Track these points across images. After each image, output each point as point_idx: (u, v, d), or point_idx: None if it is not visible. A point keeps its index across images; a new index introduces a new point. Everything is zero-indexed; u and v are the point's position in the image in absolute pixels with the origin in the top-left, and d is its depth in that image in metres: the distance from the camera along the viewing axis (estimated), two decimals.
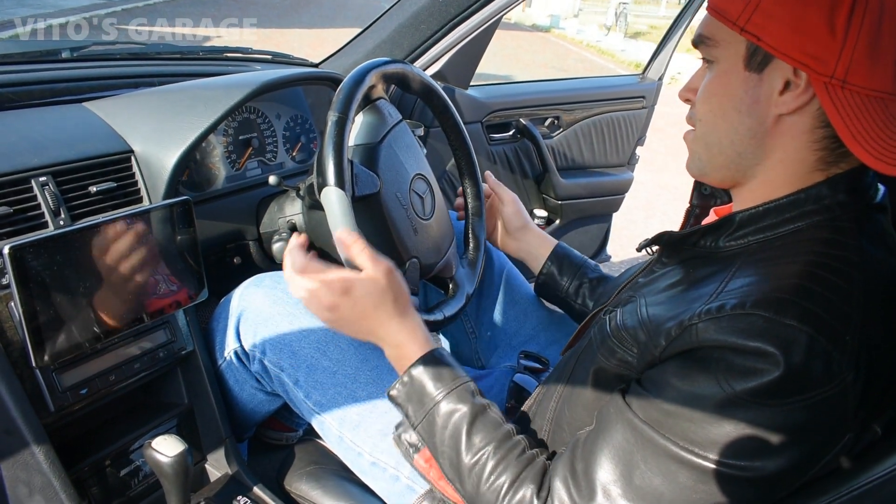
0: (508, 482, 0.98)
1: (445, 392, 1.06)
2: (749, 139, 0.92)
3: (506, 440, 1.03)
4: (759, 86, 0.89)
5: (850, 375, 0.79)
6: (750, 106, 0.91)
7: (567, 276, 1.52)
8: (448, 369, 1.09)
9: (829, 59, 0.82)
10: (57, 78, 1.55)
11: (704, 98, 0.96)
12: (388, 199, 1.32)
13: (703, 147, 0.99)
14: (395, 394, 1.11)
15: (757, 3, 0.85)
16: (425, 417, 1.07)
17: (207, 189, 1.58)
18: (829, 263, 0.84)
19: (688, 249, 1.01)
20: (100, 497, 1.27)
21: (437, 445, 1.06)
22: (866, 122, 0.82)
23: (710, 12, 0.93)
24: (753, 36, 0.86)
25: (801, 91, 0.86)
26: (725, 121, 0.94)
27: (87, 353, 1.19)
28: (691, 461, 0.83)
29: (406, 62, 1.43)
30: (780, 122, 0.90)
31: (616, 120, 2.90)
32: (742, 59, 0.90)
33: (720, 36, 0.91)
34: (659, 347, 0.89)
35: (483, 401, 1.08)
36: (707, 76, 0.96)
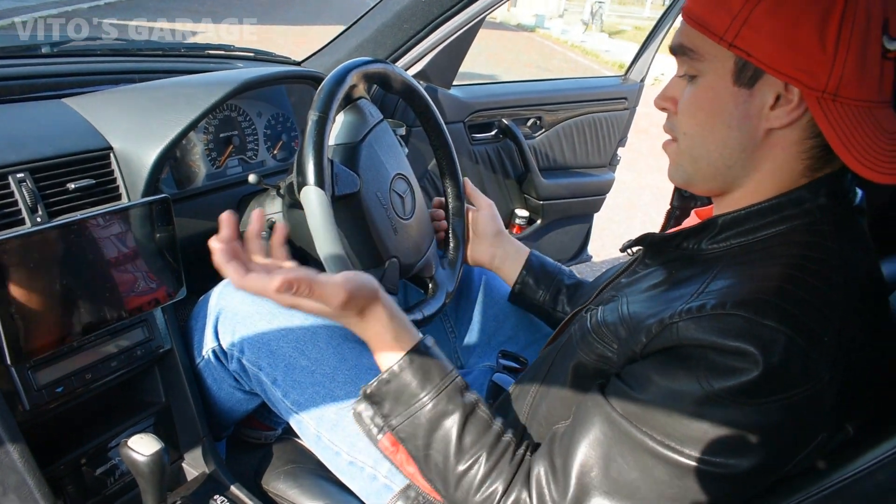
0: (502, 489, 0.97)
1: (435, 392, 1.02)
2: (739, 153, 0.93)
3: (496, 444, 1.00)
4: (749, 101, 0.89)
5: (827, 376, 0.80)
6: (740, 121, 0.90)
7: (543, 286, 1.49)
8: (437, 365, 1.04)
9: (821, 74, 0.82)
10: (36, 73, 1.54)
11: (690, 112, 0.95)
12: (369, 199, 1.32)
13: (690, 160, 0.98)
14: (378, 390, 1.04)
15: (745, 18, 0.84)
16: (409, 419, 1.02)
17: (188, 187, 1.57)
18: (808, 266, 0.86)
19: (671, 251, 1.02)
20: (75, 496, 1.27)
21: (422, 448, 1.02)
22: (858, 133, 0.83)
23: (689, 23, 0.91)
24: (743, 52, 0.86)
25: (794, 106, 0.86)
26: (714, 135, 0.93)
27: (64, 351, 1.19)
28: (668, 456, 0.84)
29: (388, 62, 1.44)
30: (771, 135, 0.90)
31: (598, 121, 2.91)
32: (730, 73, 0.89)
33: (705, 49, 0.90)
34: (639, 344, 0.90)
35: (472, 397, 1.04)
36: (690, 88, 0.95)
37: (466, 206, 1.57)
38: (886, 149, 0.84)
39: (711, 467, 0.82)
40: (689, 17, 0.91)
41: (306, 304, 0.97)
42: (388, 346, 1.04)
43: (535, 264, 1.52)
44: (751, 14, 0.84)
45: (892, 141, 0.85)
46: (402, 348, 1.04)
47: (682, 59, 0.94)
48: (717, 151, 0.94)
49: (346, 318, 1.03)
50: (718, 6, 0.87)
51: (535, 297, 1.50)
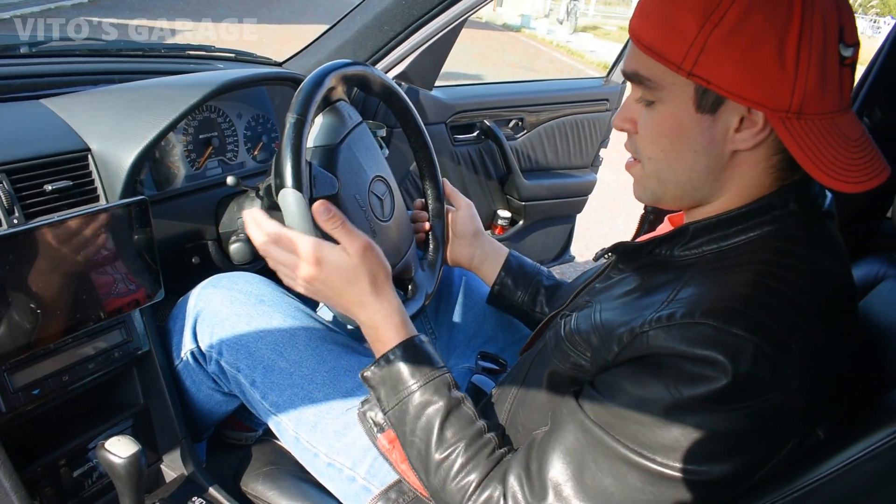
0: (476, 481, 1.00)
1: (422, 382, 1.07)
2: (706, 175, 0.93)
3: (477, 438, 1.04)
4: (713, 126, 0.88)
5: (796, 383, 0.81)
6: (706, 146, 0.90)
7: (522, 287, 1.49)
8: (427, 359, 1.10)
9: (784, 96, 0.82)
10: (14, 74, 1.53)
11: (652, 139, 0.94)
12: (347, 201, 1.32)
13: (656, 183, 0.98)
14: (370, 375, 1.11)
15: (702, 45, 0.83)
16: (398, 405, 1.07)
17: (167, 188, 1.56)
18: (777, 272, 0.86)
19: (644, 257, 1.02)
20: (53, 498, 1.26)
21: (407, 435, 1.07)
22: (823, 147, 0.83)
23: (644, 51, 0.89)
24: (703, 80, 0.84)
25: (759, 129, 0.86)
26: (680, 160, 0.93)
27: (41, 354, 1.18)
28: (640, 463, 0.85)
29: (367, 64, 1.44)
30: (737, 156, 0.90)
31: (580, 122, 2.92)
32: (691, 100, 0.88)
33: (662, 78, 0.88)
34: (612, 353, 0.91)
35: (458, 394, 1.09)
36: (649, 113, 0.93)
37: (446, 206, 1.57)
38: (851, 158, 0.84)
39: (683, 474, 0.83)
40: (641, 44, 0.89)
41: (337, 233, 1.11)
42: (392, 329, 1.11)
43: (514, 265, 1.52)
44: (707, 41, 0.82)
45: (855, 149, 0.85)
46: (401, 337, 1.11)
47: (640, 88, 0.93)
48: (684, 175, 0.94)
49: (359, 281, 1.10)
50: (671, 34, 0.85)
51: (513, 298, 1.50)
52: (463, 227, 1.55)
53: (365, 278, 1.10)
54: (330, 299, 1.14)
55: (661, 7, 0.87)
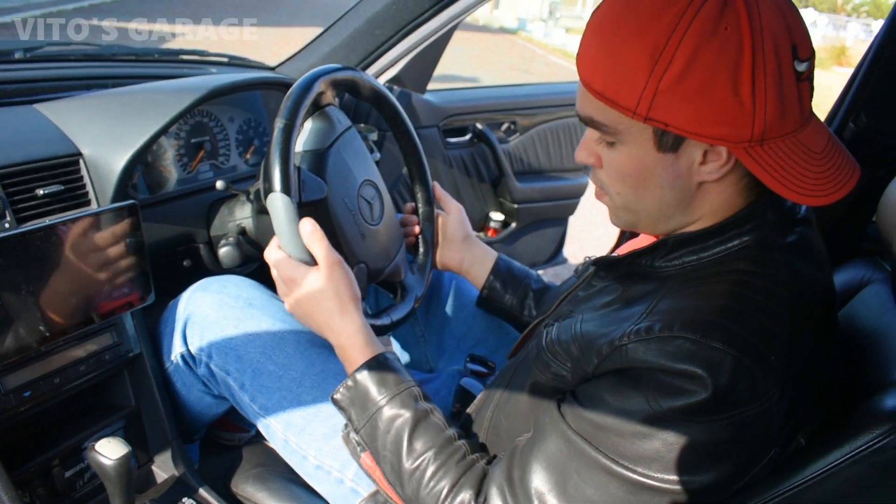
0: (448, 487, 1.01)
1: (389, 397, 1.09)
2: (675, 206, 0.93)
3: (447, 445, 1.05)
4: (676, 163, 0.88)
5: (776, 393, 0.82)
6: (672, 182, 0.90)
7: (511, 291, 1.50)
8: (393, 374, 1.11)
9: (744, 128, 0.82)
10: (8, 79, 1.54)
11: (616, 177, 0.94)
12: (336, 205, 1.33)
13: (628, 213, 0.98)
14: (339, 398, 1.13)
15: (654, 89, 0.81)
16: (368, 422, 1.09)
17: (158, 192, 1.57)
18: (755, 282, 0.87)
19: (625, 267, 1.02)
20: (46, 498, 1.28)
21: (380, 450, 1.08)
22: (790, 166, 0.84)
23: (596, 97, 0.87)
24: (660, 123, 0.83)
25: (724, 162, 0.86)
26: (648, 195, 0.92)
27: (31, 356, 1.19)
28: (621, 474, 0.86)
29: (356, 69, 1.45)
30: (704, 186, 0.90)
31: (572, 126, 2.93)
32: (651, 142, 0.87)
33: (618, 123, 0.87)
34: (591, 364, 0.92)
35: (426, 405, 1.10)
36: (610, 152, 0.92)
37: (436, 210, 1.58)
38: (819, 171, 0.85)
39: (665, 484, 0.84)
40: (593, 90, 0.87)
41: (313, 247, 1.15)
42: (357, 350, 1.14)
43: (503, 268, 1.52)
44: (659, 84, 0.81)
45: (823, 161, 0.86)
46: (365, 356, 1.13)
47: (596, 130, 0.92)
48: (654, 207, 0.94)
49: (325, 301, 1.14)
50: (622, 79, 0.84)
51: (502, 302, 1.51)
52: (453, 231, 1.55)
53: (331, 299, 1.14)
54: (304, 318, 1.18)
55: (605, 50, 0.86)
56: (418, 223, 1.58)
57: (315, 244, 1.15)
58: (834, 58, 20.29)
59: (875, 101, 1.54)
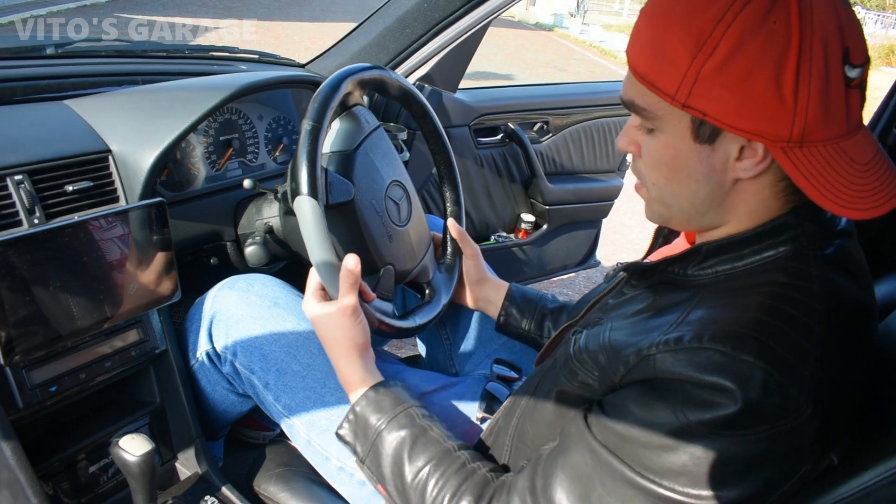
0: (448, 496, 1.02)
1: (387, 421, 1.12)
2: (710, 202, 0.90)
3: (445, 457, 1.06)
4: (712, 155, 0.86)
5: (808, 409, 0.79)
6: (706, 175, 0.87)
7: (527, 315, 1.49)
8: (389, 398, 1.15)
9: (784, 126, 0.79)
10: (40, 75, 1.55)
11: (653, 166, 0.92)
12: (363, 207, 1.33)
13: (663, 206, 0.96)
14: (343, 433, 1.16)
15: (695, 76, 0.80)
16: (371, 450, 1.12)
17: (187, 189, 1.58)
18: (789, 295, 0.84)
19: (657, 275, 1.00)
20: (69, 492, 1.29)
21: (385, 475, 1.10)
22: (829, 174, 0.80)
23: (639, 80, 0.86)
24: (698, 111, 0.82)
25: (760, 159, 0.83)
26: (681, 187, 0.90)
27: (58, 351, 1.20)
28: (647, 487, 0.84)
29: (384, 67, 1.44)
30: (740, 184, 0.88)
31: (606, 126, 2.90)
32: (689, 131, 0.85)
33: (657, 108, 0.86)
34: (618, 374, 0.90)
35: (423, 423, 1.11)
36: (650, 142, 0.91)
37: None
38: (860, 183, 0.81)
39: (691, 499, 0.82)
40: (636, 73, 0.87)
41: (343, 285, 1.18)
42: (356, 386, 1.18)
43: (517, 295, 1.52)
44: (700, 71, 0.80)
45: (866, 174, 0.82)
46: (364, 388, 1.17)
47: (637, 115, 0.91)
48: (687, 201, 0.92)
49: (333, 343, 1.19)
50: (665, 64, 0.83)
51: (520, 327, 1.50)
52: (468, 273, 1.56)
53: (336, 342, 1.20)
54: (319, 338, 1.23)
55: (653, 35, 0.85)
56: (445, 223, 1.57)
57: (344, 284, 1.18)
58: (882, 57, 19.95)
59: None
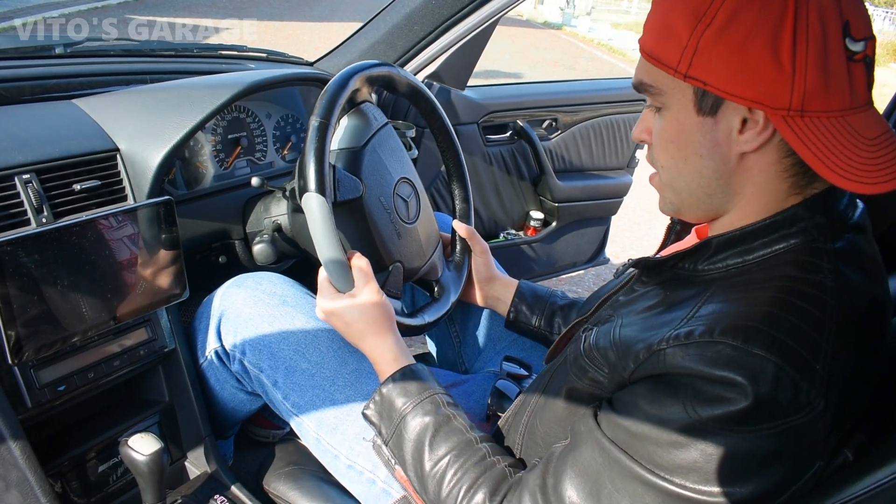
0: (466, 486, 1.02)
1: (412, 405, 1.12)
2: (716, 180, 0.91)
3: (467, 448, 1.06)
4: (715, 128, 0.87)
5: (820, 404, 0.78)
6: (710, 149, 0.88)
7: (537, 311, 1.49)
8: (417, 383, 1.15)
9: (783, 94, 0.80)
10: (48, 74, 1.55)
11: (662, 146, 0.94)
12: (371, 204, 1.32)
13: (672, 192, 0.97)
14: (369, 413, 1.17)
15: (695, 47, 0.83)
16: (394, 433, 1.13)
17: (195, 187, 1.58)
18: (801, 289, 0.83)
19: (667, 271, 0.99)
20: (78, 492, 1.29)
21: (406, 458, 1.11)
22: (833, 145, 0.80)
23: (645, 58, 0.90)
24: (699, 81, 0.84)
25: (761, 128, 0.84)
26: (688, 166, 0.91)
27: (67, 350, 1.20)
28: (657, 484, 0.83)
29: (393, 64, 1.43)
30: (745, 159, 0.88)
31: (615, 123, 2.88)
32: (692, 104, 0.87)
33: (663, 83, 0.89)
34: (628, 370, 0.89)
35: (448, 411, 1.11)
36: (658, 121, 0.93)
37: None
38: (868, 157, 0.80)
39: (702, 496, 0.81)
40: (644, 52, 0.90)
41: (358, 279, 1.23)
42: (386, 366, 1.20)
43: (526, 292, 1.52)
44: (699, 42, 0.82)
45: (873, 148, 0.81)
46: (394, 370, 1.18)
47: (646, 94, 0.93)
48: (694, 182, 0.92)
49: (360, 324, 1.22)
50: (668, 38, 0.85)
51: (530, 323, 1.50)
52: (477, 271, 1.56)
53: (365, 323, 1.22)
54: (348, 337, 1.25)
55: (658, 13, 0.88)
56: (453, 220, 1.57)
57: (360, 277, 1.23)
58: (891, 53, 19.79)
59: None
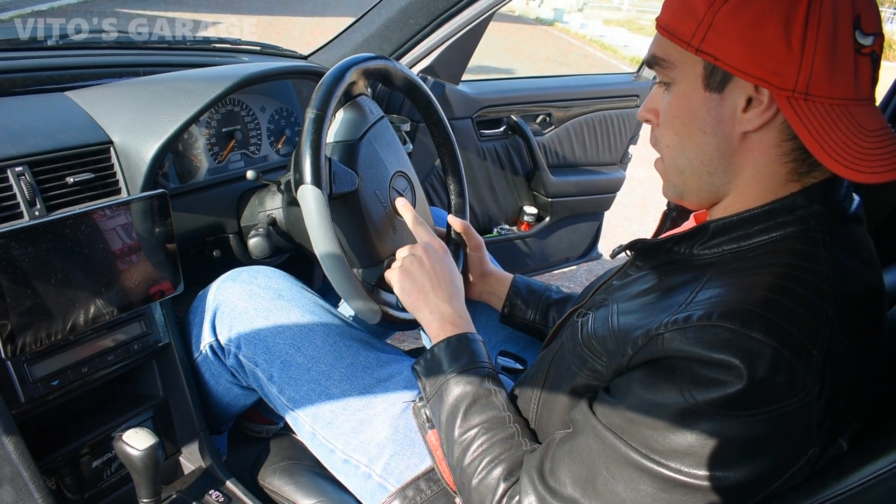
0: (487, 459, 1.03)
1: (458, 371, 1.14)
2: (718, 158, 0.92)
3: (499, 423, 1.08)
4: (721, 105, 0.88)
5: (815, 389, 0.78)
6: (714, 126, 0.89)
7: (532, 305, 1.49)
8: (468, 352, 1.17)
9: (790, 74, 0.81)
10: (41, 66, 1.54)
11: (667, 122, 0.95)
12: (367, 197, 1.32)
13: (676, 173, 0.98)
14: (418, 368, 1.19)
15: (710, 22, 0.84)
16: (436, 393, 1.15)
17: (189, 181, 1.57)
18: (798, 275, 0.84)
19: (662, 255, 1.01)
20: (72, 487, 1.28)
21: (441, 420, 1.13)
22: (833, 132, 0.82)
23: (660, 32, 0.92)
24: (710, 56, 0.85)
25: (765, 108, 0.85)
26: (692, 142, 0.92)
27: (60, 345, 1.19)
28: (653, 469, 0.83)
29: (389, 58, 1.43)
30: (747, 139, 0.89)
31: (609, 118, 2.89)
32: (701, 79, 0.88)
33: (675, 57, 0.90)
34: (626, 356, 0.89)
35: (491, 386, 1.13)
36: (666, 98, 0.94)
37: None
38: (865, 147, 0.82)
39: (697, 480, 0.81)
40: (660, 27, 0.92)
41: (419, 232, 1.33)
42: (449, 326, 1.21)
43: (521, 286, 1.52)
44: (715, 17, 0.84)
45: (871, 139, 0.82)
46: (449, 333, 1.20)
47: (657, 70, 0.94)
48: (697, 159, 0.93)
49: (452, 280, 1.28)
50: (685, 13, 0.87)
51: (525, 317, 1.50)
52: (472, 266, 1.56)
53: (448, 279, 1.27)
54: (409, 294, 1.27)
55: None
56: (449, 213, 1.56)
57: (421, 231, 1.31)
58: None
59: None
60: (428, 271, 1.25)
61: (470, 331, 1.21)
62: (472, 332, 1.21)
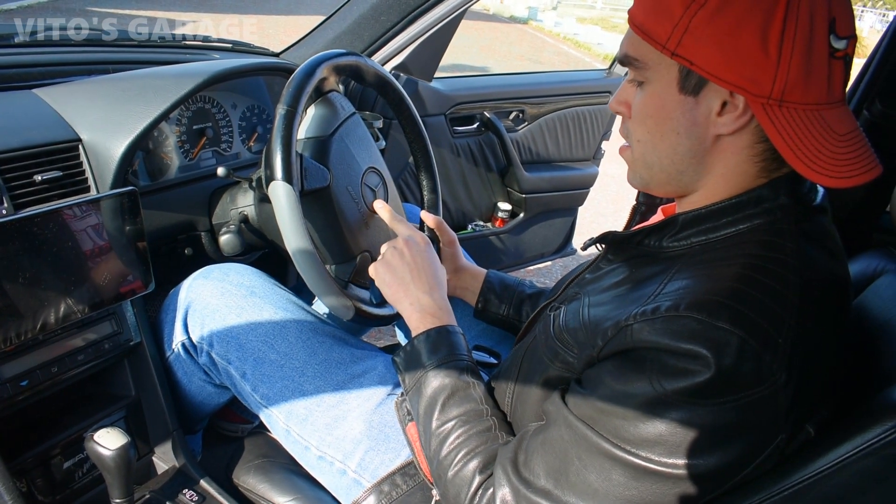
0: (463, 452, 1.03)
1: (436, 364, 1.13)
2: (689, 158, 0.92)
3: (476, 416, 1.07)
4: (695, 108, 0.88)
5: (782, 377, 0.79)
6: (688, 128, 0.90)
7: (505, 300, 1.49)
8: (447, 345, 1.16)
9: (765, 81, 0.81)
10: (8, 63, 1.52)
11: (640, 119, 0.95)
12: (339, 193, 1.31)
13: (643, 166, 0.98)
14: (398, 360, 1.19)
15: (686, 26, 0.83)
16: (415, 385, 1.14)
17: (160, 179, 1.56)
18: (765, 266, 0.85)
19: (632, 248, 1.02)
20: (43, 489, 1.26)
21: (419, 413, 1.13)
22: (806, 137, 0.82)
23: (634, 30, 0.91)
24: (685, 60, 0.85)
25: (740, 113, 0.85)
26: (664, 142, 0.93)
27: (29, 344, 1.18)
28: (624, 458, 0.84)
29: (360, 54, 1.43)
30: (720, 141, 0.89)
31: (582, 114, 2.90)
32: (675, 81, 0.88)
33: (649, 58, 0.89)
34: (597, 348, 0.90)
35: (470, 379, 1.13)
36: (639, 95, 0.94)
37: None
38: (836, 152, 0.83)
39: (667, 468, 0.82)
40: (634, 24, 0.91)
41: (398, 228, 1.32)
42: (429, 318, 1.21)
43: (495, 281, 1.52)
44: (691, 21, 0.83)
45: (842, 143, 0.84)
46: (429, 326, 1.19)
47: (630, 68, 0.94)
48: (667, 158, 0.94)
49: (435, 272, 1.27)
50: (660, 14, 0.86)
51: (498, 312, 1.50)
52: (445, 262, 1.54)
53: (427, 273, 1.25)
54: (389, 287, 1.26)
55: None
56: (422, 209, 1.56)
57: (400, 226, 1.29)
58: None
59: (890, 88, 1.52)
60: (409, 263, 1.24)
61: (450, 323, 1.21)
62: (453, 325, 1.21)
